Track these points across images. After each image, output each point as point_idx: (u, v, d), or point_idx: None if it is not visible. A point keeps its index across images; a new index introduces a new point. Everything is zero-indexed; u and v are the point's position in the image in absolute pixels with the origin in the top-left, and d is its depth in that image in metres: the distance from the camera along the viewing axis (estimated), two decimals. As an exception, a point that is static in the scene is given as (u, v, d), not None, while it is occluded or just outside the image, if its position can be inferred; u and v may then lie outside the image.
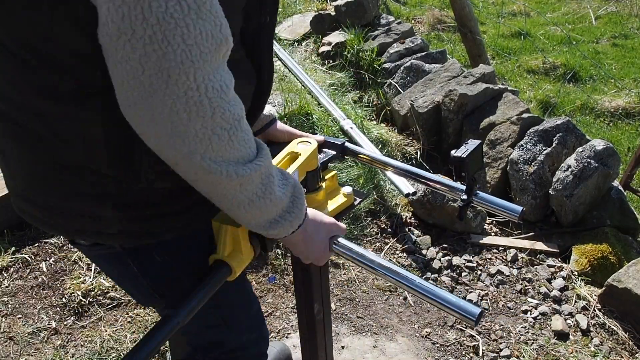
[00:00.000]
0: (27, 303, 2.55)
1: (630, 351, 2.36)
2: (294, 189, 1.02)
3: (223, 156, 0.85)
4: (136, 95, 0.77)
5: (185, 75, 0.76)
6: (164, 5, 0.72)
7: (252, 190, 0.92)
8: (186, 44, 0.74)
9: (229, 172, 0.86)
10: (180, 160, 0.85)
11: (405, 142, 3.59)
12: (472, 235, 2.91)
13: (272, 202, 0.96)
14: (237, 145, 0.86)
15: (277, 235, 1.04)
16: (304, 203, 1.05)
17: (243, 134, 0.87)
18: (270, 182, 0.94)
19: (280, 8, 5.42)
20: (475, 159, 1.21)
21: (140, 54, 0.74)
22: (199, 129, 0.81)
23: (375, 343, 2.39)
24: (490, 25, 6.67)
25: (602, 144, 2.92)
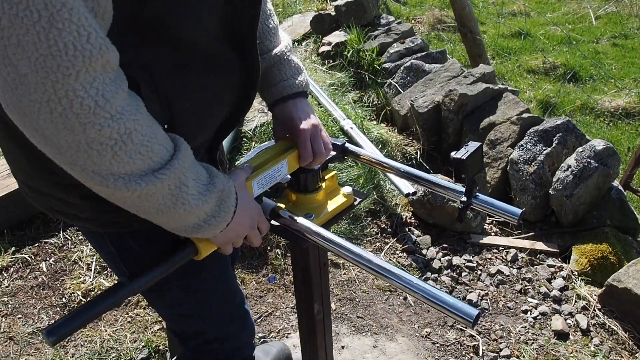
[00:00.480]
0: (27, 303, 2.55)
1: (630, 351, 2.36)
2: (222, 193, 0.98)
3: (109, 170, 0.81)
4: (8, 97, 0.74)
5: (42, 85, 0.71)
6: (15, 8, 0.68)
7: (157, 201, 0.88)
8: (39, 54, 0.70)
9: (118, 186, 0.82)
10: (65, 168, 0.82)
11: (405, 142, 3.59)
12: (472, 235, 2.91)
13: (187, 211, 0.92)
14: (127, 159, 0.81)
15: (203, 236, 1.02)
16: (233, 203, 1.01)
17: (137, 146, 0.81)
18: (181, 191, 0.90)
19: (280, 8, 5.42)
20: (475, 160, 1.21)
21: (3, 54, 0.70)
22: (70, 141, 0.76)
23: (375, 343, 2.39)
24: (490, 25, 6.67)
25: (602, 144, 2.92)
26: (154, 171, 0.85)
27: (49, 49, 0.70)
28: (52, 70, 0.71)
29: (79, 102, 0.73)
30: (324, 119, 3.48)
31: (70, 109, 0.73)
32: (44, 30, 0.69)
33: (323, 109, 3.63)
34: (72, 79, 0.72)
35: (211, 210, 0.97)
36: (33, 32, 0.69)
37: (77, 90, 0.73)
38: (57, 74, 0.71)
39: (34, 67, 0.70)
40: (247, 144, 3.28)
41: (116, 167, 0.81)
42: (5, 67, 0.71)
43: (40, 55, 0.70)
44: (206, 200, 0.95)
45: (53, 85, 0.72)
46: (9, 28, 0.68)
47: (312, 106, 3.56)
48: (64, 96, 0.72)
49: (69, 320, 0.92)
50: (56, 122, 0.74)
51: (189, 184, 0.91)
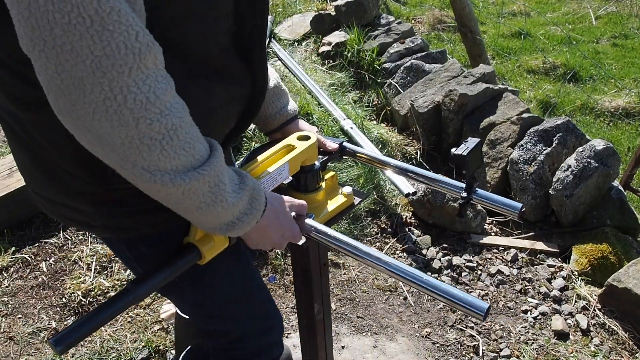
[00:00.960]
0: (27, 303, 2.56)
1: (630, 351, 2.36)
2: (253, 191, 1.02)
3: (157, 165, 0.85)
4: (61, 103, 0.78)
5: (99, 85, 0.76)
6: (67, 17, 0.72)
7: (199, 198, 0.92)
8: (94, 55, 0.74)
9: (165, 181, 0.87)
10: (116, 167, 0.86)
11: (406, 142, 3.59)
12: (472, 235, 2.91)
13: (224, 208, 0.96)
14: (173, 154, 0.85)
15: (236, 234, 1.05)
16: (263, 201, 1.05)
17: (181, 142, 0.86)
18: (220, 189, 0.94)
19: (280, 8, 5.42)
20: (475, 156, 1.21)
21: (56, 63, 0.75)
22: (124, 137, 0.81)
23: (376, 343, 2.39)
24: (491, 25, 6.67)
25: (602, 143, 2.92)
26: (196, 168, 0.89)
27: (103, 50, 0.74)
28: (107, 70, 0.75)
29: (132, 98, 0.78)
30: (324, 119, 3.48)
31: (124, 105, 0.78)
32: (97, 33, 0.73)
33: (323, 109, 3.63)
34: (125, 76, 0.77)
35: (244, 208, 1.01)
36: (87, 36, 0.73)
37: (130, 86, 0.77)
38: (113, 72, 0.75)
39: (90, 69, 0.75)
40: (247, 144, 3.28)
41: (163, 162, 0.85)
42: (59, 75, 0.75)
43: (95, 57, 0.74)
44: (240, 197, 0.99)
45: (109, 83, 0.76)
46: (61, 36, 0.72)
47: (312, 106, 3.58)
48: (119, 92, 0.77)
49: (75, 328, 0.92)
50: (111, 119, 0.78)
51: (225, 182, 0.95)
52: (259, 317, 1.47)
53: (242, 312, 1.42)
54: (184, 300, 1.40)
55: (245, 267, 1.41)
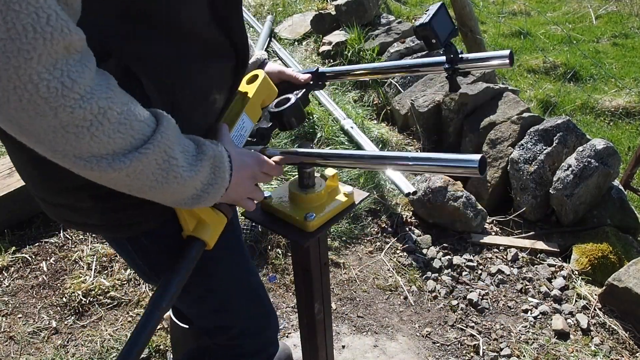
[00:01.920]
0: (28, 302, 2.56)
1: (631, 350, 2.36)
2: (214, 159, 0.95)
3: (90, 152, 0.78)
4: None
5: (5, 72, 0.68)
6: None
7: (148, 178, 0.86)
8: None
9: (102, 167, 0.79)
10: (48, 156, 0.79)
11: (406, 142, 3.59)
12: (472, 235, 2.91)
13: (181, 184, 0.90)
14: (106, 139, 0.77)
15: (205, 205, 0.99)
16: (227, 167, 0.99)
17: (114, 125, 0.78)
18: (171, 165, 0.87)
19: (281, 8, 5.42)
20: (443, 22, 1.14)
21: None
22: (46, 127, 0.73)
23: (376, 342, 2.39)
24: (491, 24, 6.67)
25: (603, 143, 2.92)
26: (137, 148, 0.82)
27: (7, 32, 0.67)
28: (12, 55, 0.68)
29: (45, 86, 0.70)
30: (324, 119, 3.48)
31: (37, 94, 0.70)
32: (1, 13, 0.66)
33: (323, 108, 3.63)
34: (34, 62, 0.69)
35: (206, 179, 0.95)
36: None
37: (40, 73, 0.70)
38: (19, 58, 0.68)
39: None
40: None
41: (96, 148, 0.77)
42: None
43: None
44: (198, 170, 0.92)
45: (16, 70, 0.68)
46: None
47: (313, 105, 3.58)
48: (29, 81, 0.69)
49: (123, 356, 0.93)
50: (27, 110, 0.71)
51: (177, 157, 0.88)
52: (259, 313, 1.47)
53: (244, 306, 1.42)
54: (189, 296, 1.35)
55: (247, 261, 1.40)
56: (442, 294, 2.61)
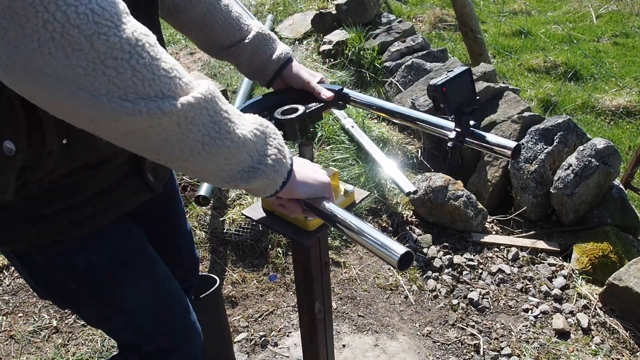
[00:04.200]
0: (28, 302, 2.56)
1: (631, 350, 2.36)
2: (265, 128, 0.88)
3: (136, 91, 0.70)
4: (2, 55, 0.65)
5: (31, 5, 0.62)
6: None
7: (200, 130, 0.77)
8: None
9: (151, 109, 0.71)
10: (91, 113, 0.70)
11: (406, 141, 3.58)
12: (473, 234, 2.91)
13: (235, 142, 0.81)
14: (149, 74, 0.70)
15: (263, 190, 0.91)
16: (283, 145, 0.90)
17: (155, 61, 0.71)
18: (223, 117, 0.80)
19: (282, 7, 5.42)
20: (461, 88, 1.04)
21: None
22: (85, 65, 0.66)
23: (376, 342, 2.39)
24: (491, 23, 6.66)
25: (603, 142, 2.91)
26: (187, 93, 0.75)
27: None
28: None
29: (74, 11, 0.64)
30: (325, 118, 3.48)
31: (68, 22, 0.64)
32: None
33: (324, 107, 3.63)
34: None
35: (262, 147, 0.86)
36: None
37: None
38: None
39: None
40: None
41: (141, 86, 0.70)
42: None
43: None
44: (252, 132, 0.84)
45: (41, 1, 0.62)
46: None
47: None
48: (57, 9, 0.63)
49: None
50: (62, 46, 0.64)
51: (228, 109, 0.81)
52: (173, 330, 1.40)
53: (153, 324, 1.35)
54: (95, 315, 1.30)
55: (162, 278, 1.33)
56: (443, 293, 2.61)
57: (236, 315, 2.51)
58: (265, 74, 1.36)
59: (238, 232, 2.77)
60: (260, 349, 2.33)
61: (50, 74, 0.66)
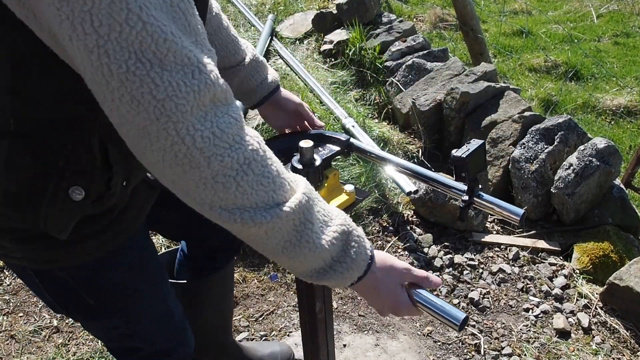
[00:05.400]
0: (29, 301, 2.56)
1: (632, 349, 2.36)
2: (347, 236, 0.94)
3: (235, 203, 0.81)
4: (135, 151, 0.79)
5: (165, 130, 0.73)
6: (124, 66, 0.70)
7: (284, 237, 0.87)
8: (157, 100, 0.72)
9: (244, 219, 0.82)
10: (195, 207, 0.83)
11: (407, 141, 3.58)
12: (473, 234, 2.91)
13: (312, 250, 0.89)
14: (250, 190, 0.81)
15: (331, 285, 0.98)
16: (364, 251, 0.96)
17: (258, 177, 0.82)
18: (306, 228, 0.88)
19: (282, 6, 5.42)
20: (477, 159, 1.17)
21: (119, 114, 0.74)
22: (197, 179, 0.78)
23: (377, 341, 2.39)
24: (492, 23, 6.66)
25: (604, 142, 2.91)
26: (279, 205, 0.84)
27: (165, 91, 0.72)
28: (172, 112, 0.73)
29: (200, 136, 0.75)
30: (325, 117, 3.48)
31: (194, 145, 0.75)
32: (158, 76, 0.71)
33: (325, 107, 3.63)
34: (189, 115, 0.74)
35: (336, 254, 0.93)
36: (148, 80, 0.71)
37: (195, 124, 0.75)
38: (177, 114, 0.73)
39: (154, 115, 0.73)
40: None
41: (240, 199, 0.81)
42: (123, 126, 0.75)
43: (157, 101, 0.72)
44: (330, 240, 0.91)
45: (175, 126, 0.74)
46: (119, 88, 0.71)
47: (314, 104, 3.58)
48: (186, 134, 0.74)
49: None
50: (182, 164, 0.76)
51: (313, 222, 0.89)
52: (174, 334, 1.44)
53: (159, 330, 1.39)
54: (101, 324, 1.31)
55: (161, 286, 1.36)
56: (443, 293, 2.61)
57: (237, 315, 2.51)
58: (253, 98, 1.45)
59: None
60: (261, 348, 2.33)
61: (167, 179, 0.80)
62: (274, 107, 1.47)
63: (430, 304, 1.02)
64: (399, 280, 1.02)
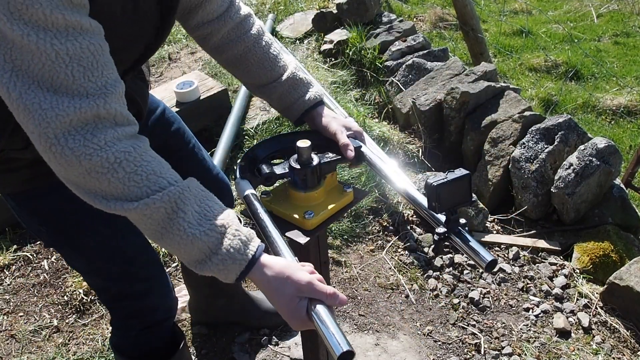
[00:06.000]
0: (29, 301, 2.56)
1: (632, 349, 2.36)
2: (224, 229, 1.02)
3: (112, 194, 0.98)
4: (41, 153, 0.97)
5: (45, 135, 0.93)
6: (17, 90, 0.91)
7: (158, 223, 1.00)
8: (42, 109, 0.92)
9: (117, 207, 0.98)
10: (87, 201, 1.01)
11: (407, 140, 3.58)
12: (474, 233, 2.91)
13: (183, 238, 1.00)
14: (121, 185, 0.97)
15: (217, 276, 1.04)
16: (242, 247, 1.02)
17: (129, 174, 0.97)
18: (178, 217, 0.99)
19: (282, 6, 5.42)
20: (457, 190, 1.09)
21: (19, 119, 0.94)
22: (77, 174, 0.96)
23: (377, 341, 2.39)
24: (492, 23, 6.66)
25: (604, 142, 2.91)
26: (149, 196, 0.98)
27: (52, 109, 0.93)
28: (52, 119, 0.93)
29: (72, 139, 0.94)
30: (325, 117, 3.48)
31: (66, 145, 0.94)
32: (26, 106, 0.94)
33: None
34: (67, 124, 0.93)
35: (212, 247, 1.01)
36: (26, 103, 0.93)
37: (70, 131, 0.94)
38: (56, 122, 0.93)
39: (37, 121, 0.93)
40: (248, 142, 3.28)
41: (114, 191, 0.98)
42: (24, 127, 0.95)
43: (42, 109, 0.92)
44: (205, 233, 1.01)
45: (54, 131, 0.93)
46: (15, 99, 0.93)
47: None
48: (62, 136, 0.94)
49: None
50: (60, 163, 0.95)
51: (186, 211, 1.01)
52: (135, 278, 1.51)
53: (117, 270, 1.47)
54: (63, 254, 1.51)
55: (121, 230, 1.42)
56: (444, 293, 2.61)
57: (237, 315, 2.51)
58: (293, 114, 1.48)
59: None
60: (261, 348, 2.33)
61: (59, 174, 1.00)
62: (314, 124, 1.48)
63: (322, 323, 0.97)
64: (295, 292, 1.01)
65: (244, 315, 2.34)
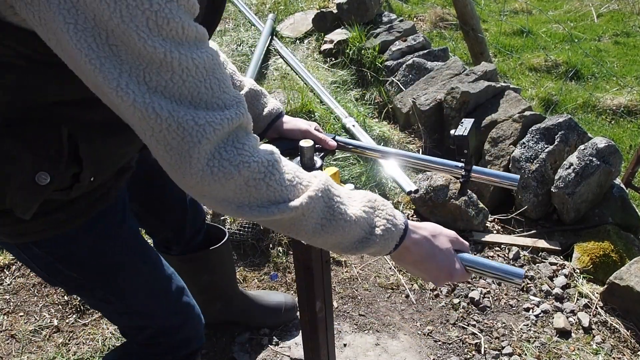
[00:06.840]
0: (29, 301, 2.56)
1: (632, 349, 2.36)
2: (374, 203, 1.04)
3: (269, 199, 0.94)
4: (175, 178, 0.91)
5: (203, 152, 0.86)
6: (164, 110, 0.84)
7: (319, 215, 0.98)
8: (199, 125, 0.85)
9: (281, 209, 0.94)
10: (237, 215, 0.95)
11: (407, 140, 3.58)
12: (474, 233, 2.91)
13: (347, 221, 0.99)
14: (279, 187, 0.93)
15: (375, 254, 1.06)
16: (394, 213, 1.05)
17: (282, 175, 0.95)
18: (336, 202, 0.99)
19: (283, 6, 5.42)
20: (472, 135, 1.27)
21: (164, 144, 0.86)
22: (234, 188, 0.91)
23: (377, 341, 2.39)
24: (492, 23, 6.66)
25: (604, 141, 2.91)
26: (308, 189, 0.97)
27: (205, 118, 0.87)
28: (210, 135, 0.87)
29: (224, 150, 0.89)
30: (326, 117, 3.48)
31: (222, 158, 0.88)
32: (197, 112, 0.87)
33: (325, 106, 3.63)
34: (220, 133, 0.88)
35: (372, 221, 1.02)
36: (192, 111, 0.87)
37: (219, 144, 0.89)
38: (213, 134, 0.87)
39: (196, 138, 0.86)
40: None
41: (273, 196, 0.94)
42: (167, 153, 0.87)
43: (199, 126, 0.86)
44: (362, 209, 1.02)
45: (207, 145, 0.87)
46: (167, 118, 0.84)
47: (314, 104, 3.58)
48: (216, 150, 0.88)
49: None
50: (219, 178, 0.89)
51: (341, 195, 1.01)
52: (175, 310, 1.49)
53: (152, 307, 1.44)
54: (92, 299, 1.43)
55: (155, 263, 1.42)
56: (444, 293, 2.61)
57: (237, 315, 2.51)
58: (258, 127, 1.48)
59: (239, 231, 2.77)
60: (261, 348, 2.33)
61: (209, 196, 0.93)
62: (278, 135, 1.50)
63: (484, 265, 1.12)
64: (451, 245, 1.13)
65: (243, 315, 2.35)
